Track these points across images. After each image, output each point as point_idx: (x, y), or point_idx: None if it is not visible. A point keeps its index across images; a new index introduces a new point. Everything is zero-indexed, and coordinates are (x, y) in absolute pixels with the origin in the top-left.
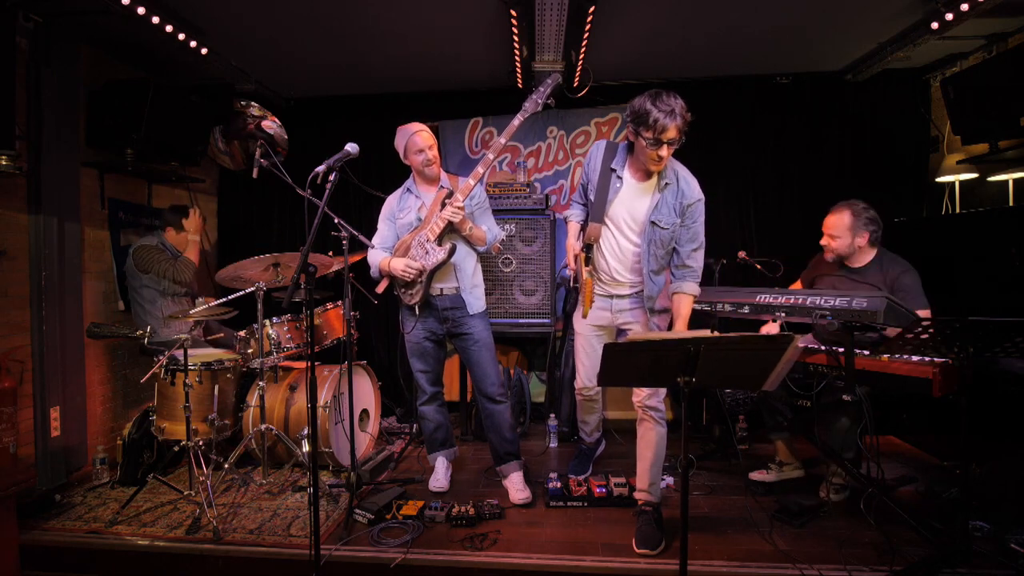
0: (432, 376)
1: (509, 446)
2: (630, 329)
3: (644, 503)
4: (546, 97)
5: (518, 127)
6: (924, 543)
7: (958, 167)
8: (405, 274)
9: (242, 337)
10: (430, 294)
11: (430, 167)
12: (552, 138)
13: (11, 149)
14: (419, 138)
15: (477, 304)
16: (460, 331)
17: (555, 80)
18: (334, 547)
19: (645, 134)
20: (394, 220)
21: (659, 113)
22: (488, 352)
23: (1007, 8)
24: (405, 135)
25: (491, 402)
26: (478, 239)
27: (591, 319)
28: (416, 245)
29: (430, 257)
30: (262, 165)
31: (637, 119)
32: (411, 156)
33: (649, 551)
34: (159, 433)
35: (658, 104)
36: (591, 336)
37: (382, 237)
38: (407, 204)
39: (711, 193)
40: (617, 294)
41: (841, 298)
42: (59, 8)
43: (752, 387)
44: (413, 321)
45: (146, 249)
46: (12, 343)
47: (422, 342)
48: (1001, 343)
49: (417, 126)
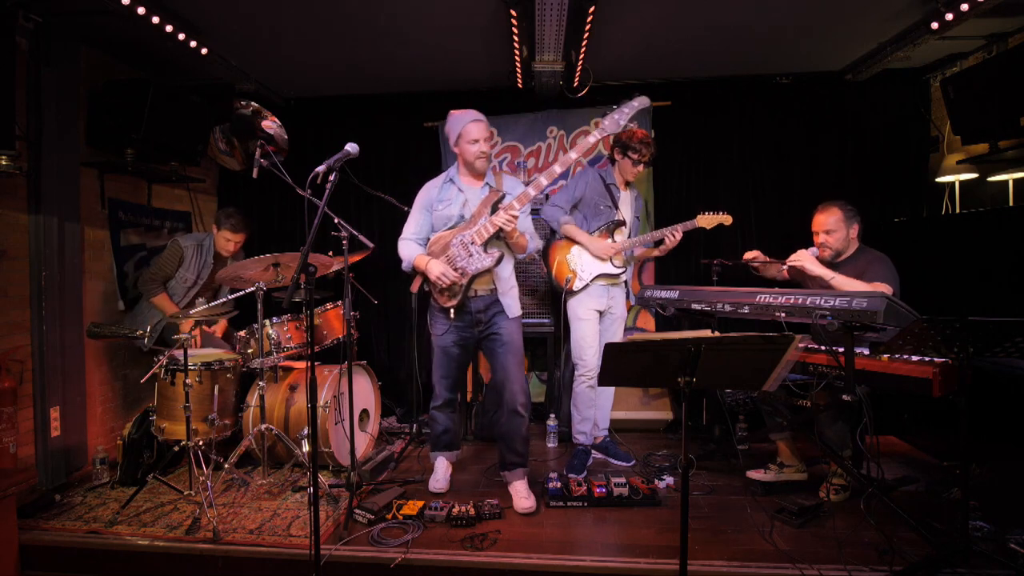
0: (451, 383)
1: (518, 457)
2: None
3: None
4: (629, 119)
5: (593, 145)
6: (924, 543)
7: (958, 167)
8: (440, 280)
9: (242, 337)
10: (467, 296)
11: (482, 160)
12: (552, 138)
13: (11, 149)
14: (476, 128)
15: (515, 307)
16: (492, 333)
17: (642, 103)
18: (334, 547)
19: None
20: (431, 210)
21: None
22: (515, 358)
23: (1007, 8)
24: (460, 121)
25: (513, 413)
26: (520, 248)
27: (593, 305)
28: (458, 245)
29: (474, 262)
30: (262, 165)
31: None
32: (463, 145)
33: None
34: (159, 433)
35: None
36: (594, 320)
37: (417, 227)
38: (448, 195)
39: (711, 193)
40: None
41: (841, 298)
42: (59, 8)
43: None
44: (446, 325)
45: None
46: (12, 343)
47: (450, 346)
48: (1001, 343)
49: (474, 113)
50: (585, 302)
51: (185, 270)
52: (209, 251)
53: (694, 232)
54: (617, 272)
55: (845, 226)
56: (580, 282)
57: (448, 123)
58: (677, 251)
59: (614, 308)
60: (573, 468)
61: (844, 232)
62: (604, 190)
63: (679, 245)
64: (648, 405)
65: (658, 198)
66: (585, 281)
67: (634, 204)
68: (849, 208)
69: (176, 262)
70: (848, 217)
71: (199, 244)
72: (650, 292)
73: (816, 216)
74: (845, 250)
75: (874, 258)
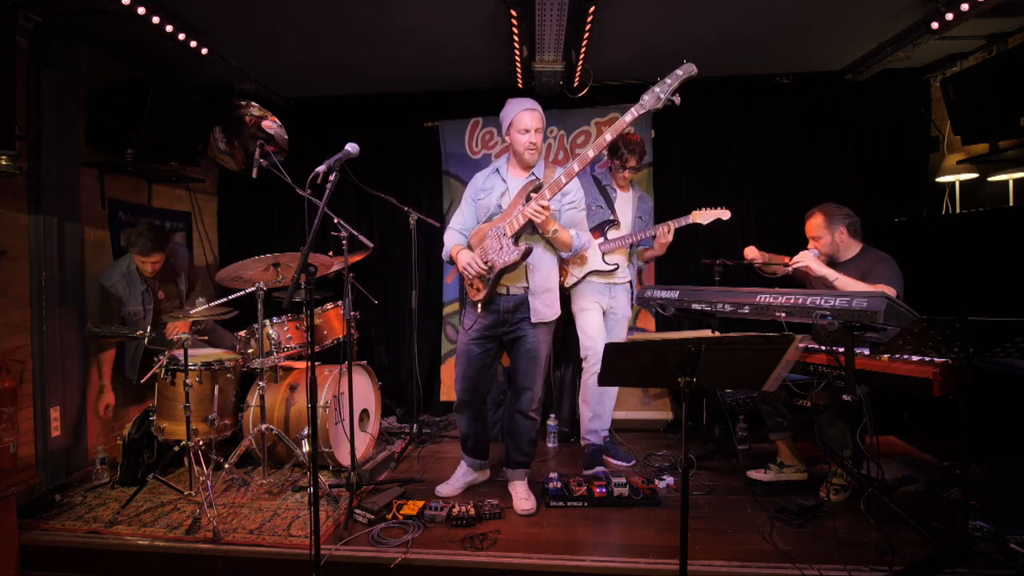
0: (467, 384)
1: (524, 457)
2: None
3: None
4: (671, 92)
5: (630, 123)
6: (924, 543)
7: (958, 167)
8: (466, 271)
9: (242, 337)
10: (496, 292)
11: (532, 151)
12: (552, 138)
13: (11, 149)
14: (528, 117)
15: (545, 312)
16: (517, 335)
17: (687, 71)
18: (334, 547)
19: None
20: (476, 201)
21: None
22: (536, 366)
23: (1007, 8)
24: (514, 108)
25: (523, 416)
26: (562, 244)
27: (594, 298)
28: (492, 237)
29: (503, 255)
30: (262, 165)
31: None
32: (513, 133)
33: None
34: (159, 433)
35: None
36: (598, 310)
37: (463, 217)
38: (491, 185)
39: (711, 193)
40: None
41: (841, 298)
42: (59, 8)
43: (753, 387)
44: (473, 318)
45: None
46: (12, 343)
47: (470, 345)
48: (1001, 343)
49: (530, 102)
50: (586, 295)
51: (128, 306)
52: (137, 276)
53: (694, 232)
54: (608, 269)
55: (828, 231)
56: (572, 278)
57: (504, 109)
58: (677, 251)
59: (616, 308)
60: (590, 466)
61: (829, 237)
62: (598, 192)
63: (679, 245)
64: (648, 405)
65: (658, 198)
66: (577, 277)
67: (636, 205)
68: (833, 213)
69: (114, 303)
70: (830, 222)
71: (124, 275)
72: (650, 292)
73: (807, 222)
74: (839, 252)
75: (878, 259)
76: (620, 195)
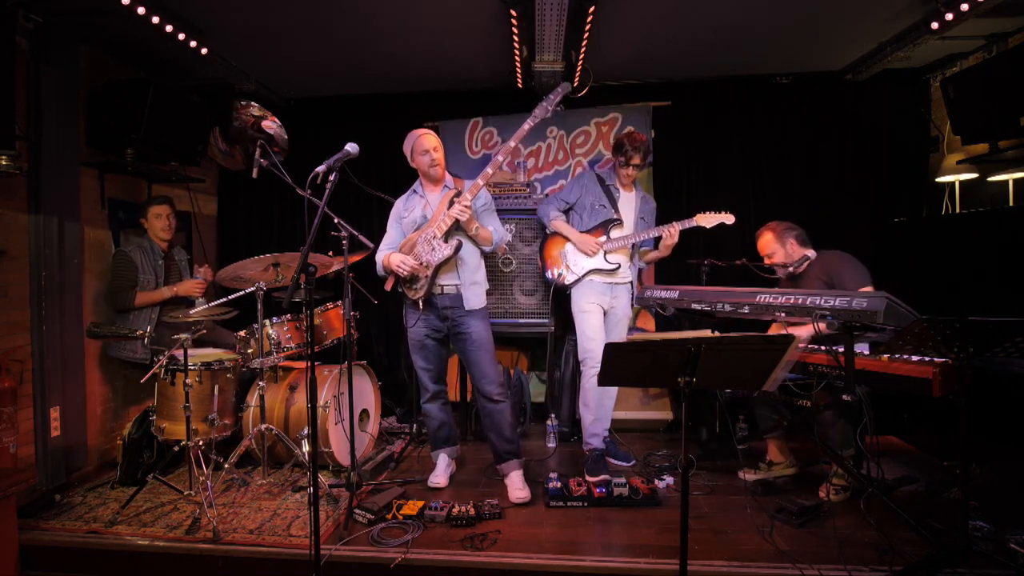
0: (434, 374)
1: (509, 445)
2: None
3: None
4: (555, 104)
5: (528, 132)
6: (924, 543)
7: (958, 167)
8: (400, 269)
9: (242, 337)
10: (432, 292)
11: (435, 168)
12: (552, 138)
13: (11, 149)
14: (425, 140)
15: (474, 300)
16: (458, 331)
17: (564, 88)
18: (334, 547)
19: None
20: (400, 221)
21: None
22: (486, 353)
23: (1007, 8)
24: (412, 138)
25: (490, 401)
26: (484, 239)
27: (594, 299)
28: (422, 242)
29: (436, 253)
30: (262, 165)
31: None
32: (417, 157)
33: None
34: (159, 433)
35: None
36: (598, 312)
37: (390, 240)
38: (412, 204)
39: (711, 193)
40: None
41: (841, 298)
42: (59, 8)
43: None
44: (416, 316)
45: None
46: (12, 343)
47: (424, 339)
48: (1001, 343)
49: (423, 130)
50: (586, 295)
51: (144, 273)
52: (155, 251)
53: (695, 233)
54: (610, 268)
55: (779, 245)
56: (572, 276)
57: (405, 143)
58: (677, 251)
59: (617, 308)
60: (595, 472)
61: (781, 250)
62: (601, 191)
63: (680, 246)
64: (648, 405)
65: (658, 198)
66: (577, 275)
67: (639, 205)
68: (780, 228)
69: (132, 267)
70: (779, 237)
71: (140, 247)
72: (650, 292)
73: (757, 244)
74: (792, 261)
75: (835, 259)
76: (623, 195)
